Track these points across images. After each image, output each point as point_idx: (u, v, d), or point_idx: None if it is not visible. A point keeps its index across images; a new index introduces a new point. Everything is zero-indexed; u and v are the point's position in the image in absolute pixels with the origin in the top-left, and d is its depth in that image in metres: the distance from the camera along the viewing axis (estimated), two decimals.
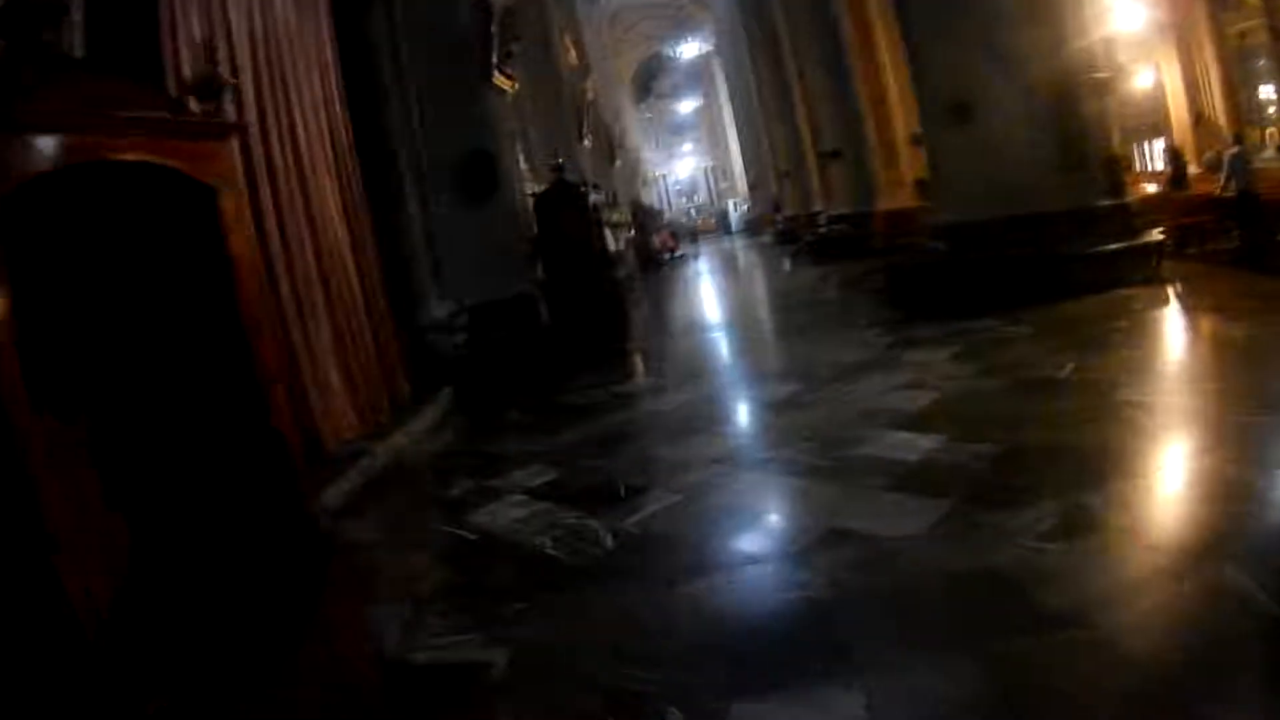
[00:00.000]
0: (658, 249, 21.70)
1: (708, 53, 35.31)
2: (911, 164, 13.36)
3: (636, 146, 34.02)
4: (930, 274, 8.31)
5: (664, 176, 42.87)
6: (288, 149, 5.75)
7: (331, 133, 6.47)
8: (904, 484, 3.40)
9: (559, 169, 8.73)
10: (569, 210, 8.47)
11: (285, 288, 5.31)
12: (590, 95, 17.07)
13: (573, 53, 18.28)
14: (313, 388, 5.40)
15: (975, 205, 7.90)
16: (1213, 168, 9.32)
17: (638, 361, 8.08)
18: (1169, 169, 9.96)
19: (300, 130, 5.92)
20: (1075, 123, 7.72)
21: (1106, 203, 7.79)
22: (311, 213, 5.91)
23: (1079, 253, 7.30)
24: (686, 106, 41.77)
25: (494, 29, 8.21)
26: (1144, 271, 7.48)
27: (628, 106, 36.09)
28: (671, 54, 37.36)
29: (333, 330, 5.83)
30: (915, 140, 13.38)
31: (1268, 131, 10.51)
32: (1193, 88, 11.11)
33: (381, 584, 3.54)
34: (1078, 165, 7.71)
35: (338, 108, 6.65)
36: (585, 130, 16.23)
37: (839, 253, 14.28)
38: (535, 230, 8.53)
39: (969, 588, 2.45)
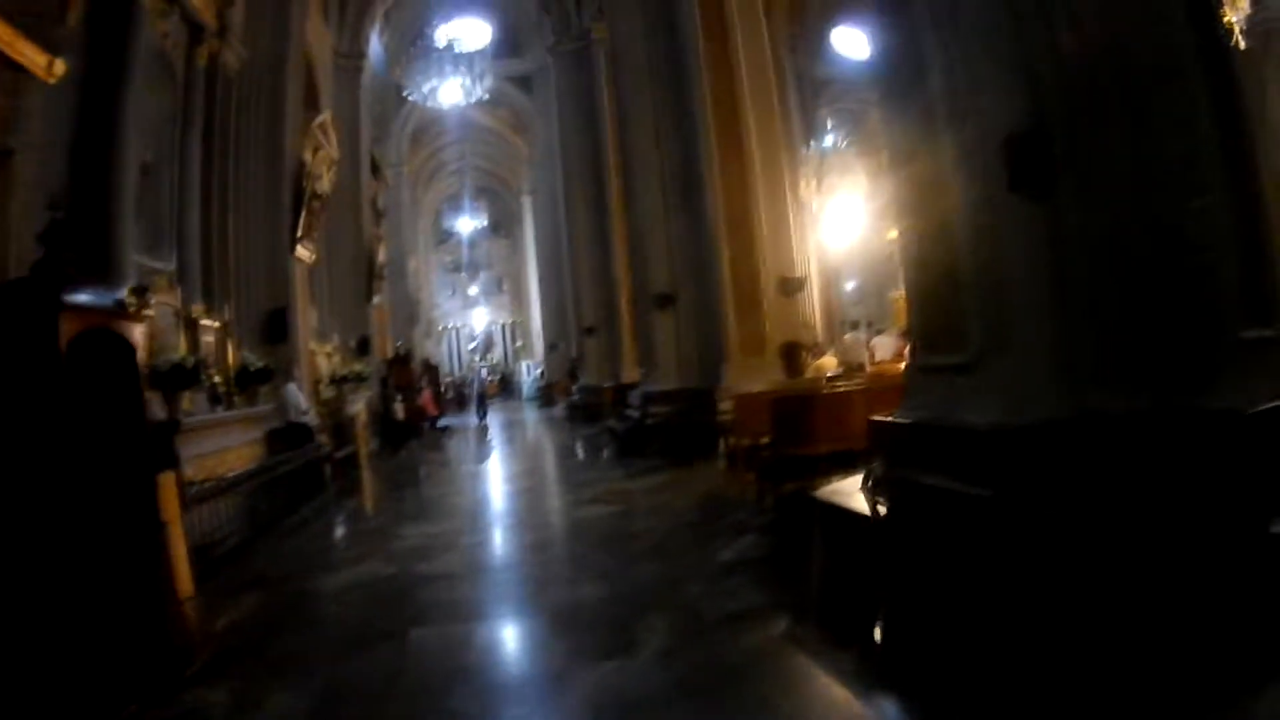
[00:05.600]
0: (401, 418, 15.47)
1: (518, 189, 31.72)
2: (779, 322, 8.91)
3: (419, 288, 28.56)
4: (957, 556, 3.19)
5: (457, 329, 37.65)
6: None
7: None
8: None
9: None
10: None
11: None
12: (323, 185, 11.51)
13: (332, 135, 12.88)
14: None
15: (1081, 388, 3.07)
16: None
17: None
18: None
19: None
20: None
21: None
22: None
23: None
24: (489, 253, 37.58)
25: None
26: None
27: (420, 244, 31.16)
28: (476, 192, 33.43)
29: None
30: (788, 289, 9.06)
31: None
32: None
33: None
34: None
35: None
36: (300, 232, 10.53)
37: (663, 449, 9.25)
38: None
39: None
